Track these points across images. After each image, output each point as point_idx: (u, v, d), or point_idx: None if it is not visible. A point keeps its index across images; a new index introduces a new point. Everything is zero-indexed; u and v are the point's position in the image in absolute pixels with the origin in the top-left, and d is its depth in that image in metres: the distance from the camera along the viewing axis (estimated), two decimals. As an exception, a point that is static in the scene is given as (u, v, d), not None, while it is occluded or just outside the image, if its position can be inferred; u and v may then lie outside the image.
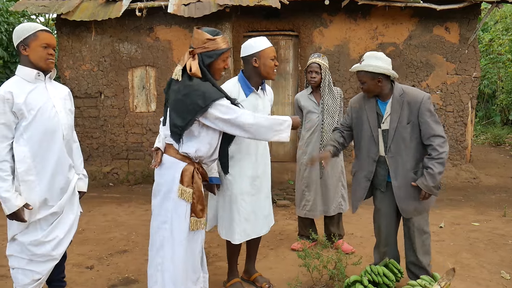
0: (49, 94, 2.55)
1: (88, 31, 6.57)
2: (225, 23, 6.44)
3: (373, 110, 3.00)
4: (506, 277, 3.48)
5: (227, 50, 2.55)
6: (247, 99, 2.94)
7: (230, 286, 3.16)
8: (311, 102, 3.85)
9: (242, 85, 2.96)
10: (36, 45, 2.47)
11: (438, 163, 2.76)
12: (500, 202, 5.69)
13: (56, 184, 2.57)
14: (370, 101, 3.01)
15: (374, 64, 2.84)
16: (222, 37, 2.55)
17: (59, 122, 2.55)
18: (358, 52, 6.53)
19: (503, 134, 10.48)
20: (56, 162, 2.55)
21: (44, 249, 2.54)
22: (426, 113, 2.81)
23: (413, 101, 2.84)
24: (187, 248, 2.53)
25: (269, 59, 2.89)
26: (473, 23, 6.47)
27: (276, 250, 4.03)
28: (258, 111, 2.97)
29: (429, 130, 2.80)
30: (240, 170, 2.97)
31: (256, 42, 2.91)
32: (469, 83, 6.55)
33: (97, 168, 6.76)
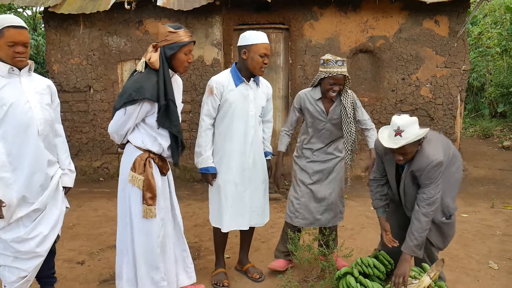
0: (23, 89, 2.47)
1: (76, 25, 6.49)
2: (215, 16, 6.41)
3: (392, 165, 2.89)
4: (494, 267, 3.54)
5: (189, 43, 2.61)
6: (236, 88, 3.00)
7: (215, 275, 3.24)
8: (319, 109, 3.26)
9: (233, 75, 3.02)
10: (2, 43, 2.36)
11: (417, 219, 2.70)
12: (489, 193, 5.76)
13: (35, 181, 2.51)
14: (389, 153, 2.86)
15: (416, 131, 2.61)
16: (185, 31, 2.62)
17: (33, 117, 2.47)
18: (349, 45, 6.53)
19: (491, 126, 10.58)
20: (33, 158, 2.48)
21: (28, 246, 2.50)
22: (426, 182, 2.70)
23: (417, 169, 2.71)
24: (144, 234, 2.67)
25: (258, 55, 2.91)
26: (462, 17, 6.50)
27: (267, 243, 4.05)
28: (249, 101, 3.03)
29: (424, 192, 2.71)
30: (226, 159, 3.04)
31: (250, 35, 2.95)
32: (458, 76, 6.60)
33: (87, 163, 6.71)
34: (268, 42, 2.98)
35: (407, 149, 2.63)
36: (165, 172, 2.80)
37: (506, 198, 5.56)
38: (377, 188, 3.08)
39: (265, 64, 2.97)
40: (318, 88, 3.24)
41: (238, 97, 3.00)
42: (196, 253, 3.83)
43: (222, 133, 3.04)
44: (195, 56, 6.46)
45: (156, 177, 2.70)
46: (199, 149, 3.03)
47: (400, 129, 2.60)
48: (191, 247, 3.94)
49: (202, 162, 3.02)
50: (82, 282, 3.28)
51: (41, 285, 2.91)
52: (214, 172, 3.04)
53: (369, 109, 6.64)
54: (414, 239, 2.71)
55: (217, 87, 2.97)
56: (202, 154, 3.01)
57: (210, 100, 2.99)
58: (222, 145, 3.05)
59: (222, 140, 3.04)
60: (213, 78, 3.03)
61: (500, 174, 6.86)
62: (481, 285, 3.24)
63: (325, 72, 3.10)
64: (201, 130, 3.02)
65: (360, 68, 6.74)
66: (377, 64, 6.63)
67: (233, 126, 3.01)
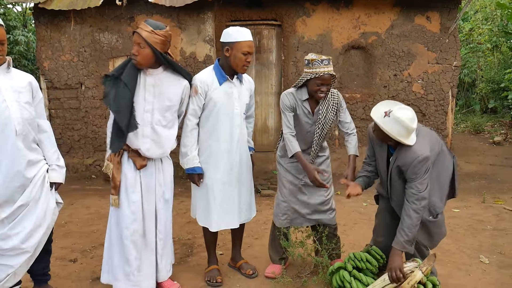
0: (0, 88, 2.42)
1: (67, 21, 6.43)
2: (207, 12, 6.38)
3: (383, 150, 2.91)
4: (485, 261, 3.57)
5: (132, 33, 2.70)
6: (220, 87, 2.95)
7: (208, 272, 3.24)
8: (305, 111, 3.11)
9: (216, 73, 2.97)
10: None
11: (407, 216, 2.70)
12: (480, 188, 5.81)
13: (13, 182, 2.47)
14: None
15: (392, 130, 2.61)
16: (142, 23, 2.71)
17: (10, 116, 2.42)
18: (341, 42, 6.54)
19: (482, 122, 10.68)
20: (10, 160, 2.44)
21: (11, 243, 2.48)
22: (412, 176, 2.70)
23: (403, 164, 2.73)
24: (115, 224, 2.83)
25: (241, 53, 2.86)
26: (454, 13, 6.53)
27: (261, 239, 4.05)
28: (233, 99, 3.00)
29: (412, 187, 2.72)
30: (213, 159, 3.01)
31: (234, 32, 2.88)
32: (449, 72, 6.64)
33: (79, 160, 6.67)
34: (252, 40, 2.91)
35: (377, 130, 2.73)
36: (138, 167, 2.78)
37: (496, 193, 5.62)
38: (364, 166, 3.14)
39: (248, 62, 2.91)
40: (304, 89, 3.07)
41: (223, 95, 2.95)
42: (189, 250, 3.83)
43: (207, 132, 3.00)
44: (187, 52, 6.44)
45: (125, 170, 2.77)
46: (185, 149, 2.97)
47: (389, 114, 2.62)
48: (184, 244, 3.94)
49: (188, 162, 2.97)
50: (75, 280, 3.26)
51: (35, 282, 2.90)
52: (201, 172, 3.00)
53: (361, 105, 6.66)
54: (404, 235, 2.72)
55: (202, 86, 2.91)
56: (188, 154, 2.96)
57: (196, 100, 2.92)
58: (208, 144, 3.00)
59: (207, 139, 3.00)
60: (197, 77, 2.95)
61: (491, 169, 6.92)
62: (472, 279, 3.27)
63: (311, 73, 2.94)
64: (187, 130, 2.96)
65: (352, 65, 6.75)
66: (369, 60, 6.65)
67: (219, 125, 2.97)
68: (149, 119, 2.76)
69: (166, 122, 2.84)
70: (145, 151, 2.77)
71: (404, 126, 2.60)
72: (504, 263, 3.54)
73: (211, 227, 3.08)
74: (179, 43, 6.45)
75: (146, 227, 2.86)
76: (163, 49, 2.70)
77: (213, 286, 3.14)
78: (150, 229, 2.88)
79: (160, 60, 2.72)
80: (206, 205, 3.06)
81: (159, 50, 2.66)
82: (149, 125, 2.77)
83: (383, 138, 2.75)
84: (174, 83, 2.83)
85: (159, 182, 2.90)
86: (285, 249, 3.26)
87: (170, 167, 3.01)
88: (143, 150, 2.76)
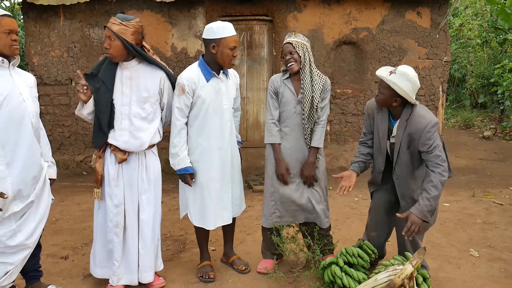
0: (15, 81, 2.47)
1: (56, 16, 6.36)
2: (198, 8, 6.35)
3: (384, 121, 2.92)
4: (474, 254, 3.62)
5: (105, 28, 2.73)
6: (208, 84, 2.93)
7: (200, 268, 3.23)
8: (287, 90, 3.12)
9: (202, 70, 2.94)
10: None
11: (434, 187, 2.69)
12: (469, 183, 5.87)
13: (29, 173, 2.51)
14: (383, 111, 2.94)
15: (400, 84, 2.69)
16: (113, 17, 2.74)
17: (27, 109, 2.49)
18: (332, 37, 6.55)
19: (472, 117, 10.76)
20: (28, 151, 2.49)
21: (17, 240, 2.49)
22: (426, 143, 2.73)
23: (415, 129, 2.75)
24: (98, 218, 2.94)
25: (228, 48, 2.84)
26: (444, 8, 6.56)
27: (253, 235, 4.06)
28: (221, 95, 2.98)
29: (429, 159, 2.73)
30: (206, 157, 2.98)
31: (218, 28, 2.85)
32: (440, 68, 6.68)
33: (69, 157, 6.62)
34: (236, 33, 2.90)
35: (382, 89, 2.77)
36: (118, 160, 2.81)
37: (486, 187, 5.68)
38: (359, 148, 3.15)
39: (234, 56, 2.90)
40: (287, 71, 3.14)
41: (211, 92, 2.92)
42: (181, 246, 3.82)
43: (197, 130, 2.96)
44: (178, 48, 6.41)
45: (108, 164, 2.83)
46: (175, 150, 2.93)
47: (395, 71, 2.73)
48: (176, 240, 3.94)
49: (180, 163, 2.93)
50: (66, 277, 3.25)
51: (27, 279, 2.88)
52: (192, 172, 2.97)
53: (352, 101, 6.68)
54: (429, 205, 2.69)
55: (189, 84, 2.87)
56: (178, 154, 2.92)
57: (183, 99, 2.88)
58: (198, 142, 2.97)
59: (197, 137, 2.96)
60: (183, 75, 2.90)
61: (480, 164, 6.99)
62: (462, 272, 3.31)
63: (283, 44, 3.07)
64: (176, 130, 2.92)
65: (344, 60, 6.76)
66: (361, 55, 6.67)
67: (209, 122, 2.94)
68: (126, 111, 2.79)
69: (145, 114, 2.83)
70: (123, 143, 2.78)
71: (412, 81, 2.69)
72: (493, 256, 3.58)
73: (208, 226, 3.05)
74: (170, 38, 6.41)
75: (127, 222, 2.87)
76: (135, 40, 2.72)
77: (205, 282, 3.14)
78: (132, 225, 2.88)
79: (130, 51, 2.74)
80: (202, 204, 3.02)
81: (130, 41, 2.69)
82: (127, 118, 2.79)
83: (387, 100, 2.77)
84: (150, 74, 2.85)
85: (142, 177, 2.88)
86: (277, 245, 3.27)
87: (156, 163, 2.97)
88: (121, 143, 2.78)
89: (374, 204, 3.20)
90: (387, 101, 2.80)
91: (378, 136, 2.98)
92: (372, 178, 3.16)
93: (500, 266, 3.41)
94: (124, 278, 2.92)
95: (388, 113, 2.93)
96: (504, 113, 9.89)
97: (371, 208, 3.23)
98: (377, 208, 3.17)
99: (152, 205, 2.92)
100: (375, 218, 3.19)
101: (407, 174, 2.89)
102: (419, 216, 2.70)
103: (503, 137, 9.14)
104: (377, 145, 3.01)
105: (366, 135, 3.12)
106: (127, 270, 2.92)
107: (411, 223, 2.70)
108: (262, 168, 6.53)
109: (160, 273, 3.19)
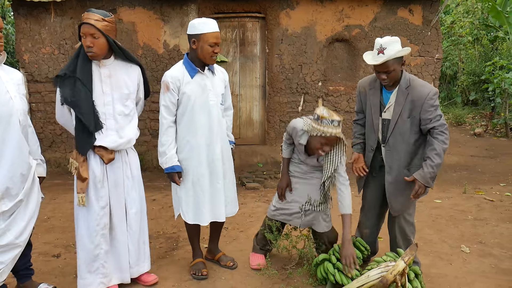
0: (2, 79, 2.42)
1: (47, 13, 6.30)
2: (191, 5, 6.32)
3: (376, 97, 2.94)
4: (466, 250, 3.65)
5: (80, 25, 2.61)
6: (192, 80, 2.92)
7: (193, 265, 3.23)
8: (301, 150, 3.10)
9: (186, 67, 2.93)
10: None
11: (438, 155, 2.74)
12: (461, 179, 5.92)
13: (17, 171, 2.47)
14: (375, 87, 2.96)
15: (399, 48, 2.73)
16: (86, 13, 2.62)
17: (14, 107, 2.43)
18: (325, 34, 6.55)
19: (463, 114, 10.84)
20: (15, 148, 2.45)
21: (6, 239, 2.46)
22: (429, 110, 2.76)
23: (418, 96, 2.77)
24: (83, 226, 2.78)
25: (208, 44, 2.83)
26: (436, 6, 6.60)
27: (246, 232, 4.06)
28: (207, 91, 2.96)
29: (431, 125, 2.76)
30: (195, 153, 2.97)
31: (200, 24, 2.83)
32: (431, 65, 6.71)
33: (61, 154, 6.57)
34: (218, 30, 2.88)
35: (390, 66, 2.73)
36: (105, 161, 2.75)
37: (477, 183, 5.73)
38: (356, 128, 3.19)
39: (215, 53, 2.88)
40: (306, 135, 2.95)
41: (196, 88, 2.91)
42: (174, 244, 3.82)
43: (185, 127, 2.95)
44: (171, 45, 6.38)
45: (93, 165, 2.73)
46: (162, 148, 2.92)
47: (383, 47, 2.72)
48: (169, 238, 3.93)
49: (167, 161, 2.92)
50: (58, 275, 3.23)
51: (18, 278, 2.87)
52: (180, 171, 2.96)
53: (345, 98, 6.70)
54: (432, 172, 2.75)
55: (173, 81, 2.86)
56: (166, 153, 2.91)
57: (168, 97, 2.87)
58: (187, 140, 2.96)
59: (186, 135, 2.95)
60: (167, 73, 2.90)
61: (472, 161, 7.05)
62: (453, 268, 3.34)
63: (318, 131, 2.80)
64: (163, 128, 2.92)
65: (336, 57, 6.78)
66: (353, 53, 6.68)
67: (196, 118, 2.93)
68: (110, 111, 2.74)
69: (128, 111, 2.82)
70: (111, 143, 2.74)
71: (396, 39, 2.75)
72: (484, 252, 3.62)
73: (203, 222, 3.05)
74: (162, 35, 6.38)
75: (114, 221, 2.84)
76: (115, 36, 2.70)
77: (198, 279, 3.14)
78: (120, 223, 2.85)
79: (113, 48, 2.69)
80: (195, 201, 3.02)
81: (111, 37, 2.65)
82: (111, 117, 2.75)
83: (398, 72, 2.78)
84: (127, 70, 2.82)
85: (127, 175, 2.87)
86: (270, 241, 3.28)
87: (136, 158, 2.97)
88: (109, 143, 2.73)
89: (366, 201, 3.22)
90: (398, 72, 2.81)
91: (370, 113, 2.99)
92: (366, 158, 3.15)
93: (490, 262, 3.45)
94: (114, 278, 2.90)
95: (380, 88, 2.95)
96: (495, 110, 9.98)
97: (364, 206, 3.25)
98: (370, 205, 3.19)
99: (138, 201, 2.93)
100: (368, 215, 3.21)
101: (400, 144, 2.88)
102: (422, 182, 2.78)
103: (494, 134, 9.23)
104: (369, 122, 3.02)
105: (359, 114, 3.18)
106: (117, 270, 2.90)
107: (419, 187, 2.79)
108: (255, 165, 6.54)
109: (153, 270, 3.18)
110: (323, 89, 6.66)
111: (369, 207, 3.20)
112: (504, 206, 4.79)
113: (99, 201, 2.76)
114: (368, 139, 3.06)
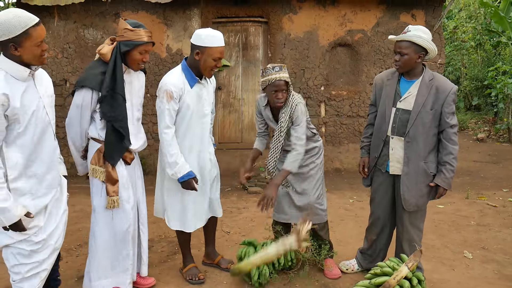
0: (39, 94, 2.31)
1: (51, 17, 6.34)
2: (194, 9, 6.35)
3: (392, 87, 2.96)
4: (468, 256, 3.63)
5: (146, 43, 2.60)
6: (192, 90, 2.90)
7: (187, 271, 3.20)
8: (269, 116, 3.18)
9: (186, 76, 2.89)
10: (30, 43, 2.16)
11: (455, 158, 2.85)
12: (463, 185, 5.90)
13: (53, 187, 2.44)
14: (393, 78, 2.97)
15: (423, 36, 2.75)
16: (145, 30, 2.60)
17: (50, 121, 2.37)
18: (327, 39, 6.57)
19: (466, 119, 10.83)
20: (52, 163, 2.41)
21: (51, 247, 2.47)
22: (451, 104, 2.82)
23: (442, 89, 2.80)
24: (109, 229, 2.73)
25: (212, 58, 2.80)
26: (438, 11, 6.60)
27: (248, 236, 4.05)
28: (203, 100, 2.96)
29: (449, 121, 2.82)
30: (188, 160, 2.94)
31: (207, 37, 2.78)
32: (434, 70, 6.70)
33: (64, 158, 6.57)
34: (224, 45, 2.84)
35: (404, 48, 2.76)
36: (129, 161, 2.80)
37: (480, 189, 5.71)
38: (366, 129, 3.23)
39: (216, 67, 2.86)
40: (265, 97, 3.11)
41: (195, 98, 2.90)
42: (176, 248, 3.80)
43: (180, 135, 2.92)
44: (174, 49, 6.40)
45: (119, 168, 2.74)
46: (172, 159, 2.83)
47: (408, 29, 2.78)
48: (171, 242, 3.92)
49: (181, 170, 2.85)
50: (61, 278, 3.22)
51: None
52: (195, 176, 2.92)
53: (347, 103, 6.70)
54: (452, 176, 2.85)
55: (176, 90, 2.80)
56: (177, 162, 2.85)
57: (172, 106, 2.81)
58: (182, 148, 2.93)
59: (180, 142, 2.92)
60: (168, 81, 2.82)
61: (474, 166, 7.03)
62: (456, 274, 3.32)
63: (265, 81, 2.93)
64: (168, 138, 2.84)
65: (339, 62, 6.78)
66: (355, 57, 6.69)
67: (192, 127, 2.92)
68: (130, 117, 2.77)
69: (140, 115, 2.91)
70: (132, 146, 2.79)
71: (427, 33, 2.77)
72: (487, 258, 3.60)
73: (188, 229, 3.04)
74: (165, 39, 6.40)
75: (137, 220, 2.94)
76: None
77: (196, 284, 3.12)
78: (135, 223, 2.90)
79: None
80: (182, 207, 3.01)
81: None
82: (131, 122, 2.79)
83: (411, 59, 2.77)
84: (138, 76, 2.86)
85: (138, 174, 2.96)
86: None
87: (139, 161, 3.04)
88: (132, 146, 2.79)
89: (377, 202, 3.14)
90: (411, 60, 2.80)
91: (384, 103, 2.99)
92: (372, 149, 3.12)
93: (493, 267, 3.43)
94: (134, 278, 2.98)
95: (399, 77, 2.95)
96: (498, 115, 9.96)
97: (375, 208, 3.17)
98: (381, 206, 3.11)
99: (145, 202, 3.03)
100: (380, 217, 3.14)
101: (421, 135, 2.86)
102: (446, 188, 2.89)
103: (496, 139, 9.20)
104: (381, 113, 3.02)
105: (371, 107, 3.21)
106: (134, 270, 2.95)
107: (443, 191, 2.90)
108: (257, 169, 6.53)
109: (154, 274, 3.18)
110: (326, 94, 6.66)
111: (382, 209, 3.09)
112: (507, 212, 4.77)
113: (129, 201, 2.78)
114: (379, 130, 3.05)
